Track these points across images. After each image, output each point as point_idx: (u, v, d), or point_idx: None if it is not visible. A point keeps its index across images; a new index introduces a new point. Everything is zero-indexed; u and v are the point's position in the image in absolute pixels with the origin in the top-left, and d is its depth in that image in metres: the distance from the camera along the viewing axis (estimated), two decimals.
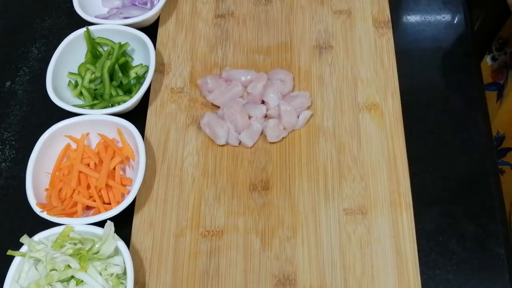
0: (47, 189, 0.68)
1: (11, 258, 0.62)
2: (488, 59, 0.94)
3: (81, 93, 0.76)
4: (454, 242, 0.64)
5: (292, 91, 0.75)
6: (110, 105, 0.74)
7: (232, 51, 0.80)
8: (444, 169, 0.68)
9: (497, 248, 0.63)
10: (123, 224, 0.66)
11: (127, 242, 0.66)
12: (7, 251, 0.62)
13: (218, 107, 0.74)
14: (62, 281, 0.60)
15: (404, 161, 0.69)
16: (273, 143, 0.71)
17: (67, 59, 0.77)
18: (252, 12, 0.83)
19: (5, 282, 0.60)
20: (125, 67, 0.77)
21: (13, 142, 0.77)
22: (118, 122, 0.70)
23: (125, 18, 0.81)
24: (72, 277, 0.60)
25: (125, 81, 0.76)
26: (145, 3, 0.84)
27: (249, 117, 0.72)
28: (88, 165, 0.69)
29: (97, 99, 0.76)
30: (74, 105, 0.73)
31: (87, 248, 0.61)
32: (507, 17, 0.88)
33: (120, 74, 0.76)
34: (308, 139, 0.71)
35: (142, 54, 0.78)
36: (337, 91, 0.75)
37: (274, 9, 0.83)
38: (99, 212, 0.66)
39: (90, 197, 0.67)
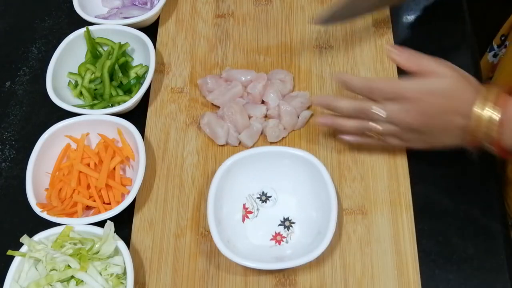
0: (47, 189, 0.68)
1: (11, 258, 0.62)
2: (489, 56, 0.93)
3: (81, 93, 0.76)
4: (454, 242, 0.64)
5: (292, 91, 0.75)
6: (110, 105, 0.74)
7: (232, 51, 0.80)
8: (444, 169, 0.68)
9: (497, 248, 0.63)
10: (123, 224, 0.66)
11: (127, 242, 0.66)
12: (7, 251, 0.62)
13: (218, 107, 0.74)
14: (62, 281, 0.60)
15: (404, 161, 0.69)
16: (273, 143, 0.71)
17: (67, 59, 0.77)
18: (252, 12, 0.83)
19: (5, 282, 0.60)
20: (125, 67, 0.78)
21: (13, 142, 0.77)
22: (118, 122, 0.70)
23: (125, 18, 0.81)
24: (72, 277, 0.60)
25: (125, 81, 0.76)
26: (145, 3, 0.84)
27: (249, 117, 0.72)
28: (88, 165, 0.69)
29: (97, 99, 0.76)
30: (74, 105, 0.73)
31: (87, 248, 0.61)
32: (507, 16, 0.88)
33: (120, 74, 0.76)
34: (308, 139, 0.71)
35: (142, 54, 0.78)
36: (337, 91, 0.75)
37: (274, 9, 0.83)
38: (99, 212, 0.66)
39: (90, 197, 0.67)
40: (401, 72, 0.75)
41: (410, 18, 0.81)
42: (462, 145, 0.60)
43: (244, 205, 0.67)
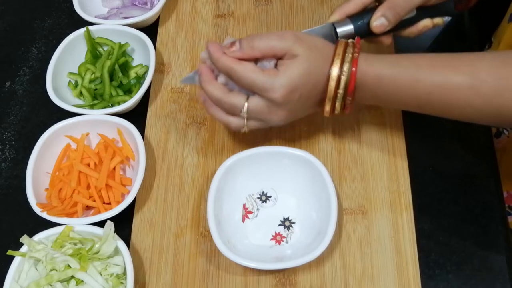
0: (47, 189, 0.68)
1: (11, 258, 0.62)
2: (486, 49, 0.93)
3: (81, 93, 0.76)
4: (454, 242, 0.64)
5: None
6: (110, 105, 0.74)
7: None
8: (444, 169, 0.68)
9: (497, 248, 0.63)
10: (123, 224, 0.66)
11: (127, 242, 0.66)
12: (7, 251, 0.62)
13: None
14: (62, 281, 0.60)
15: (404, 161, 0.69)
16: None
17: (67, 59, 0.77)
18: (252, 12, 0.83)
19: (5, 282, 0.60)
20: (125, 67, 0.78)
21: (13, 142, 0.77)
22: (118, 122, 0.70)
23: (125, 18, 0.81)
24: (72, 277, 0.60)
25: (125, 81, 0.76)
26: (145, 3, 0.84)
27: None
28: (88, 165, 0.69)
29: (97, 99, 0.76)
30: (74, 105, 0.73)
31: (87, 248, 0.61)
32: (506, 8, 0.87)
33: (120, 74, 0.76)
34: (308, 139, 0.71)
35: (142, 54, 0.78)
36: None
37: (274, 9, 0.83)
38: (99, 212, 0.66)
39: (90, 197, 0.67)
40: None
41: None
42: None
43: (244, 205, 0.67)
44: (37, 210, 0.65)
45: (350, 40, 0.59)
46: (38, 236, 0.63)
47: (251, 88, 0.57)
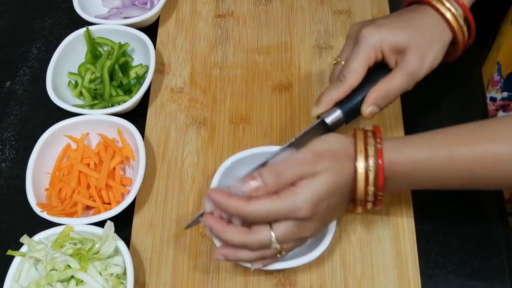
0: (47, 189, 0.68)
1: (11, 258, 0.62)
2: (485, 51, 0.93)
3: (81, 93, 0.76)
4: (454, 242, 0.64)
5: None
6: (110, 105, 0.74)
7: (232, 51, 0.80)
8: None
9: (497, 248, 0.63)
10: (123, 224, 0.66)
11: (127, 242, 0.66)
12: (7, 251, 0.62)
13: None
14: (62, 281, 0.60)
15: None
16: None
17: (67, 59, 0.77)
18: (252, 12, 0.83)
19: (5, 282, 0.60)
20: (125, 67, 0.78)
21: (13, 142, 0.77)
22: (118, 122, 0.70)
23: (125, 18, 0.81)
24: (72, 277, 0.60)
25: (125, 81, 0.76)
26: (145, 3, 0.84)
27: None
28: (88, 165, 0.69)
29: (97, 99, 0.76)
30: (74, 105, 0.73)
31: (87, 248, 0.61)
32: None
33: (120, 74, 0.76)
34: None
35: (142, 54, 0.78)
36: None
37: (274, 9, 0.83)
38: (99, 212, 0.66)
39: (90, 197, 0.67)
40: None
41: None
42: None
43: None
44: (37, 210, 0.65)
45: (367, 129, 0.55)
46: (38, 236, 0.63)
47: (276, 219, 0.52)
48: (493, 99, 0.85)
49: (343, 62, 0.60)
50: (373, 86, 0.58)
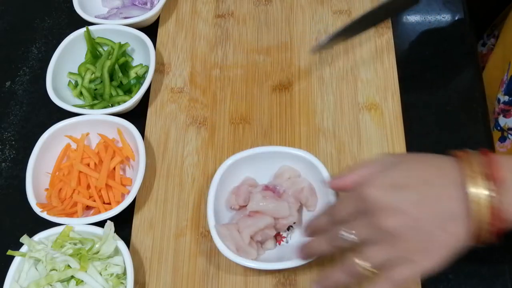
0: (47, 189, 0.68)
1: (11, 258, 0.62)
2: (479, 46, 0.93)
3: (81, 93, 0.76)
4: None
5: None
6: (110, 105, 0.74)
7: (232, 51, 0.80)
8: None
9: (497, 248, 0.63)
10: (123, 224, 0.66)
11: (127, 242, 0.66)
12: (7, 251, 0.62)
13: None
14: (62, 281, 0.60)
15: None
16: None
17: (67, 59, 0.77)
18: (252, 12, 0.83)
19: (5, 282, 0.60)
20: (125, 67, 0.78)
21: (13, 142, 0.77)
22: (118, 122, 0.70)
23: (125, 18, 0.81)
24: (72, 277, 0.60)
25: (125, 81, 0.76)
26: (145, 3, 0.84)
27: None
28: (88, 165, 0.69)
29: (97, 99, 0.76)
30: (74, 105, 0.73)
31: (87, 248, 0.61)
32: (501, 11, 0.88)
33: (120, 74, 0.76)
34: (308, 139, 0.71)
35: (142, 54, 0.78)
36: (337, 91, 0.75)
37: (274, 9, 0.83)
38: (99, 212, 0.66)
39: (90, 197, 0.67)
40: (401, 72, 0.75)
41: (410, 18, 0.81)
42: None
43: None
44: (37, 210, 0.65)
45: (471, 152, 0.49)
46: (38, 236, 0.63)
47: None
48: (498, 101, 0.84)
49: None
50: None
